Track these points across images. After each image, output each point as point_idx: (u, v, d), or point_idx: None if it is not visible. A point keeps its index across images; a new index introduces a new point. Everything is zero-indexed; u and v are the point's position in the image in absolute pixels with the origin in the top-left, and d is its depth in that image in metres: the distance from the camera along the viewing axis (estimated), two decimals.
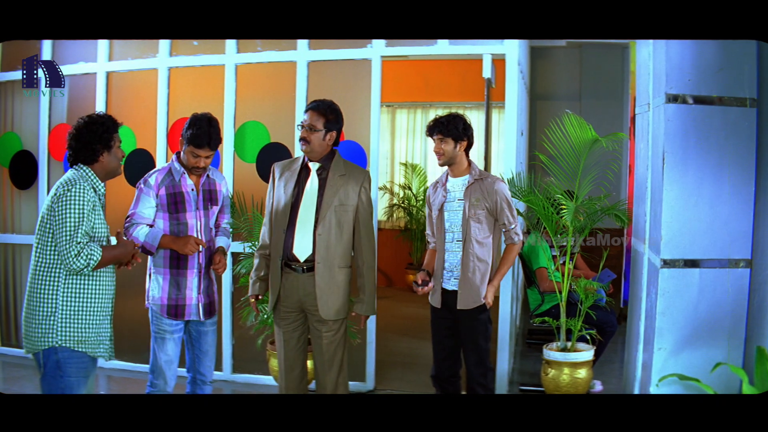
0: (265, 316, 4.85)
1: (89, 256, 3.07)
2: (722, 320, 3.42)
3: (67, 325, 3.14)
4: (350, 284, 3.89)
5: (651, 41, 3.66)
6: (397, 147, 9.32)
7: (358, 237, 3.81)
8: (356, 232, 3.81)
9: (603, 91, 8.38)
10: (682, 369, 3.41)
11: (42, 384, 3.20)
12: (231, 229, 4.16)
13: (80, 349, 3.17)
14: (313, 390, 4.12)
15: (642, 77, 3.94)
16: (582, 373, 4.69)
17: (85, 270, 3.09)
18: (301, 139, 3.76)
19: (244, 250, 5.05)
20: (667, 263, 3.43)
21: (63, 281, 3.13)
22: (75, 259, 3.05)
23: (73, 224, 3.06)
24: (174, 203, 3.80)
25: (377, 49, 5.14)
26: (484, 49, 5.11)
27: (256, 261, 3.97)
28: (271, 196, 3.89)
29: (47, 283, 3.13)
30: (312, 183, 3.78)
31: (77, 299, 3.16)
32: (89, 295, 3.19)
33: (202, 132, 3.72)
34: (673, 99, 3.35)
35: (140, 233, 3.73)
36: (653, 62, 3.67)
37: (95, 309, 3.21)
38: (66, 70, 5.64)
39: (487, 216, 3.91)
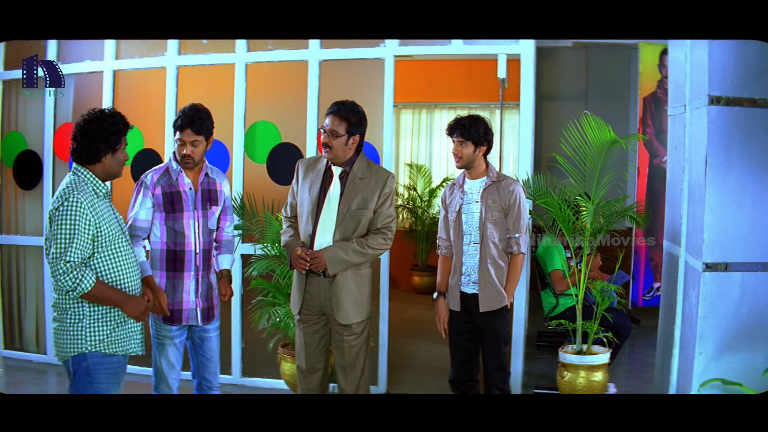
0: (277, 319, 4.78)
1: (77, 280, 2.94)
2: (764, 324, 3.37)
3: (96, 329, 3.06)
4: (371, 283, 3.85)
5: (688, 42, 3.62)
6: (401, 147, 9.26)
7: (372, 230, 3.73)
8: (372, 227, 3.73)
9: (609, 92, 8.33)
10: (723, 373, 3.37)
11: (71, 391, 3.11)
12: (233, 236, 4.07)
13: (111, 351, 3.09)
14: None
15: (676, 78, 3.90)
16: (598, 376, 4.65)
17: (71, 293, 2.97)
18: (323, 144, 3.67)
19: (255, 251, 4.97)
20: (710, 267, 3.39)
21: None
22: (62, 277, 2.94)
23: (64, 241, 2.95)
24: (170, 203, 3.70)
25: (390, 49, 5.07)
26: (499, 48, 5.05)
27: (285, 228, 3.87)
28: (294, 195, 3.83)
29: None
30: (334, 188, 3.71)
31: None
32: None
33: (183, 115, 3.68)
34: (715, 101, 3.31)
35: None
36: (690, 63, 3.62)
37: None
38: (72, 68, 5.59)
39: (503, 218, 3.85)
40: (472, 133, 3.83)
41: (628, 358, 6.30)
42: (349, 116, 3.66)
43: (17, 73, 5.68)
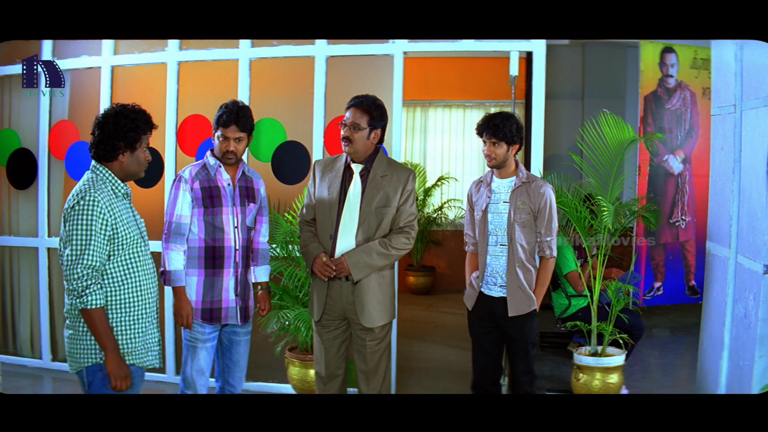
0: (286, 322, 4.65)
1: (87, 291, 2.78)
2: None
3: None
4: (394, 285, 3.74)
5: (742, 42, 3.57)
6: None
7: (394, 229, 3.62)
8: (394, 226, 3.62)
9: (605, 90, 8.30)
10: None
11: None
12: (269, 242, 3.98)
13: (128, 362, 2.93)
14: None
15: (722, 78, 3.83)
16: (614, 377, 4.61)
17: (75, 301, 2.80)
18: (344, 138, 3.57)
19: None
20: None
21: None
22: (76, 282, 2.78)
23: (80, 243, 2.80)
24: (209, 197, 3.62)
25: (399, 45, 4.97)
26: (511, 45, 4.96)
27: (303, 231, 3.73)
28: (311, 197, 3.71)
29: None
30: (355, 187, 3.60)
31: (121, 311, 2.91)
32: (132, 305, 2.94)
33: (228, 110, 3.63)
34: None
35: (173, 261, 3.59)
36: (742, 64, 3.56)
37: (140, 317, 2.97)
38: (68, 64, 5.41)
39: (532, 220, 3.75)
40: (506, 132, 3.70)
41: (632, 359, 6.25)
42: (371, 109, 3.58)
43: (10, 69, 5.52)
